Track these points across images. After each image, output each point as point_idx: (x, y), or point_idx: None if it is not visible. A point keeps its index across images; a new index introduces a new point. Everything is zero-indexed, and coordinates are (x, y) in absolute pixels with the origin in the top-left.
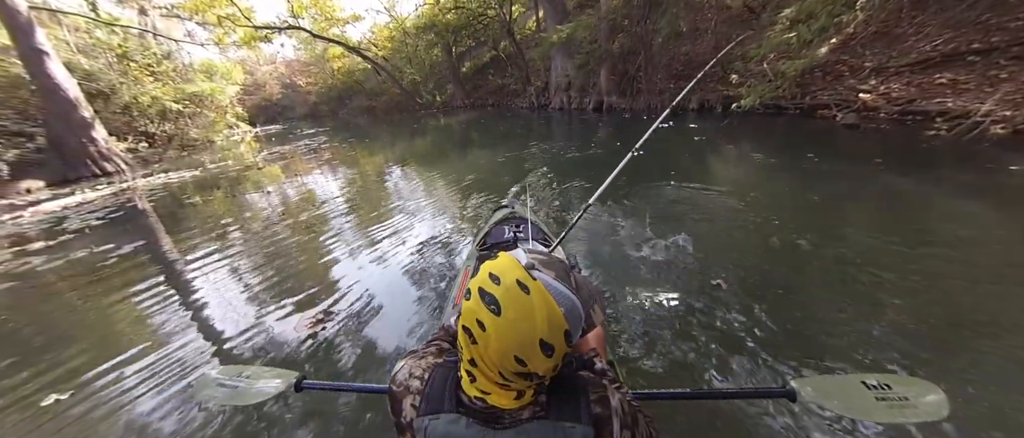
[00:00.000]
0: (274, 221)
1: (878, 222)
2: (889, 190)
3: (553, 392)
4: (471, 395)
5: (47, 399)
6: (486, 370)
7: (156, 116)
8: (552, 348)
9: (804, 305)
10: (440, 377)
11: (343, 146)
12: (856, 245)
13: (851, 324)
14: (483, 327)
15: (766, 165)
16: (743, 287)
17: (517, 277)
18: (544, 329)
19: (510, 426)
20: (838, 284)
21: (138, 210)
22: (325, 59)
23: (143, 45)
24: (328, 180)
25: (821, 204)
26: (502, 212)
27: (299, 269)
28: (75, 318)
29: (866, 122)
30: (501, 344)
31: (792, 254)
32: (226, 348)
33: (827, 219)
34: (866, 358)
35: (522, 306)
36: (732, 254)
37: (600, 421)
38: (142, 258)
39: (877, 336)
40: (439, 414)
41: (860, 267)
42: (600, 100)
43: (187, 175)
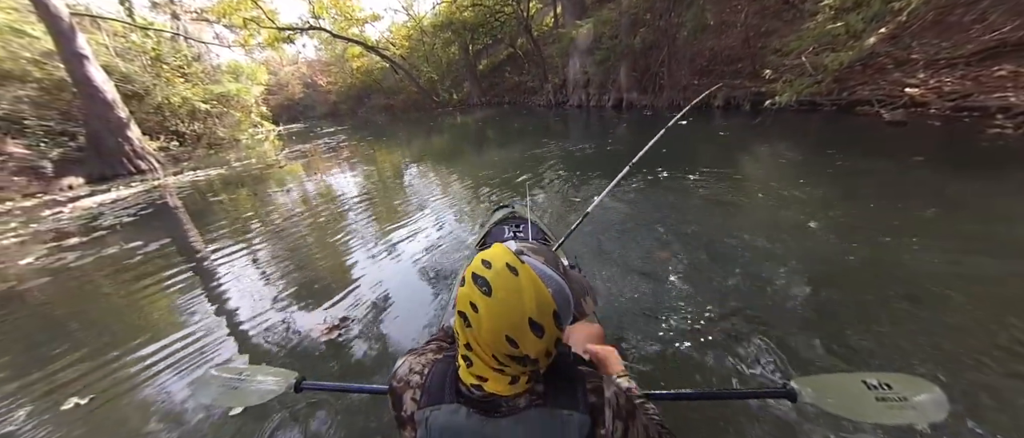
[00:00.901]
0: (294, 219)
1: (932, 226)
2: (946, 191)
3: (550, 382)
4: (468, 383)
5: (78, 383)
6: (481, 353)
7: (186, 116)
8: (542, 328)
9: (833, 311)
10: (439, 371)
11: (361, 145)
12: (908, 257)
13: (876, 330)
14: (476, 309)
15: (804, 164)
16: (766, 289)
17: (507, 261)
18: (533, 309)
19: (508, 414)
20: (872, 288)
21: (168, 207)
22: (345, 59)
23: (175, 48)
24: (346, 178)
25: (872, 206)
26: (502, 212)
27: (317, 267)
28: (102, 310)
29: (914, 118)
30: (493, 323)
31: (837, 262)
32: (243, 342)
33: (877, 222)
34: (888, 366)
35: (511, 287)
36: (751, 257)
37: (596, 410)
38: (167, 255)
39: (905, 346)
40: (440, 405)
41: (909, 277)
42: (620, 97)
43: (214, 173)
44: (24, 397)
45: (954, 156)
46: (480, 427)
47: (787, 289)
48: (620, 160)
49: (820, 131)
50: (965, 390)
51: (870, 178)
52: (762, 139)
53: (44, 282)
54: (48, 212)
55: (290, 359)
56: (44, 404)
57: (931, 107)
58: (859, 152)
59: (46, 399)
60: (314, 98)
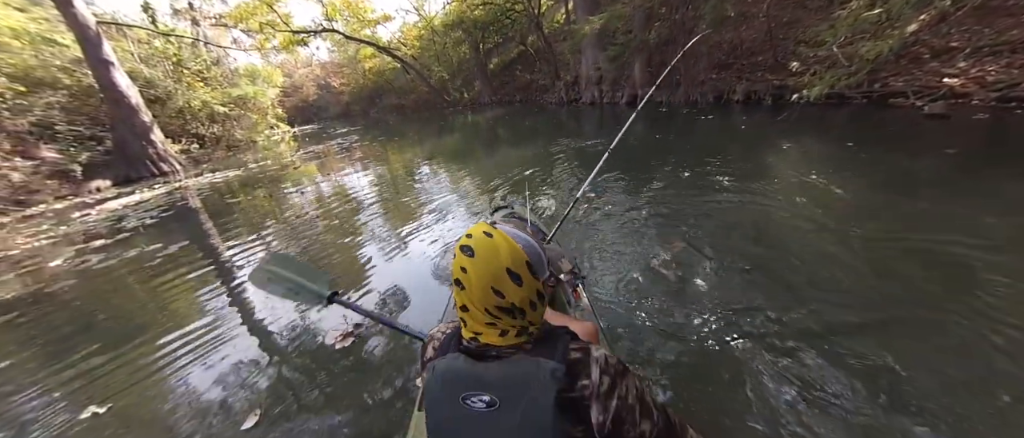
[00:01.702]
0: (308, 218)
1: (990, 230)
2: (1004, 192)
3: (540, 341)
4: (467, 337)
5: (101, 382)
6: (475, 310)
7: (206, 119)
8: (519, 277)
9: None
10: (451, 333)
11: (373, 145)
12: (962, 268)
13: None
14: (465, 271)
15: (838, 160)
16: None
17: (484, 230)
18: (507, 260)
19: (494, 360)
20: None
21: (189, 208)
22: (357, 60)
23: (195, 53)
24: (359, 178)
25: (915, 208)
26: (502, 211)
27: (331, 267)
28: (125, 309)
29: (956, 110)
30: (479, 279)
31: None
32: (262, 340)
33: (922, 224)
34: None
35: (489, 246)
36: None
37: (575, 364)
38: (187, 256)
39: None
40: (445, 355)
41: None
42: (634, 93)
43: (232, 174)
44: (53, 393)
45: (1011, 151)
46: (470, 368)
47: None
48: (633, 156)
49: (852, 126)
50: None
51: (915, 177)
52: (789, 135)
53: (73, 283)
54: (77, 214)
55: (305, 362)
56: (69, 401)
57: (973, 98)
58: (899, 147)
59: (73, 396)
60: (327, 99)
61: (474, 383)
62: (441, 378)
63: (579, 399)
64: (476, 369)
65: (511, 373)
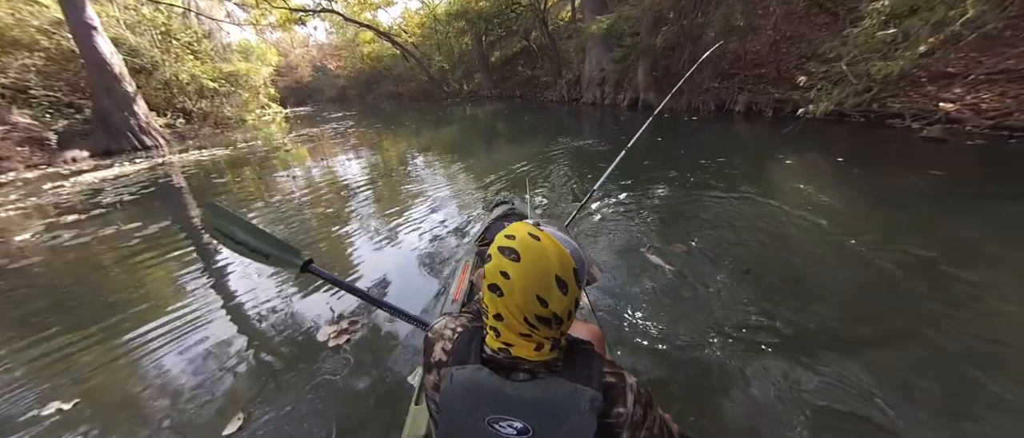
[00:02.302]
0: (299, 203)
1: (992, 260)
2: (1000, 217)
3: (570, 359)
4: (494, 348)
5: (69, 363)
6: (512, 320)
7: (194, 93)
8: (566, 285)
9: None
10: (468, 335)
11: (369, 131)
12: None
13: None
14: (507, 276)
15: (839, 176)
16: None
17: (528, 231)
18: (557, 266)
19: (525, 380)
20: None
21: (171, 186)
22: (356, 43)
23: (186, 24)
24: (353, 164)
25: (909, 224)
26: (501, 209)
27: (321, 254)
28: (97, 290)
29: (953, 136)
30: (524, 284)
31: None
32: (244, 326)
33: (919, 244)
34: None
35: (536, 250)
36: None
37: (611, 390)
38: (167, 236)
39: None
40: (464, 364)
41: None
42: (636, 96)
43: (219, 153)
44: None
45: (999, 178)
46: (499, 385)
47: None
48: (637, 160)
49: (851, 144)
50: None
51: (910, 195)
52: (790, 148)
53: (41, 259)
54: (49, 185)
55: (295, 359)
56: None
57: (967, 124)
58: (897, 167)
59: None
60: (323, 82)
61: (504, 406)
62: (462, 392)
63: (613, 425)
64: (504, 388)
65: (546, 399)
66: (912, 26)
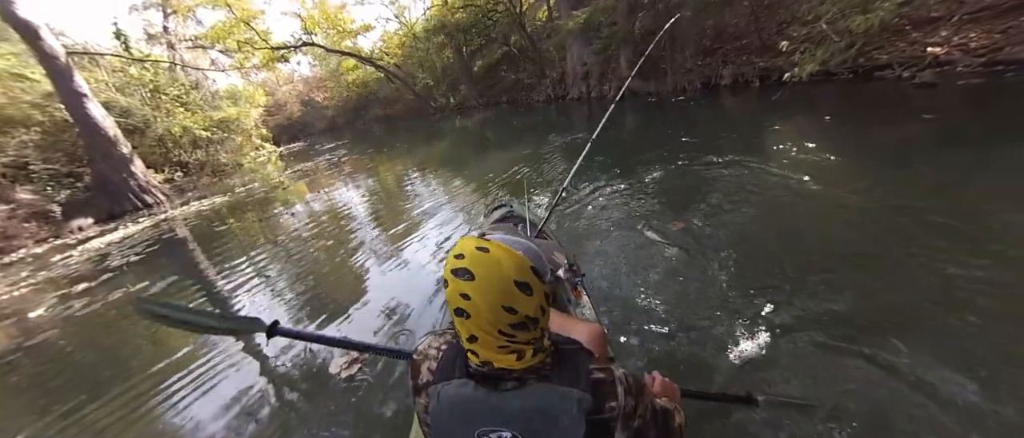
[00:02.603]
0: (301, 240)
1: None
2: (993, 154)
3: (556, 363)
4: (477, 364)
5: (102, 421)
6: (486, 336)
7: (188, 145)
8: (528, 286)
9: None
10: (452, 351)
11: (362, 158)
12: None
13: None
14: (468, 297)
15: (832, 136)
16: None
17: (476, 245)
18: (514, 271)
19: (512, 390)
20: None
21: (176, 240)
22: (340, 72)
23: (173, 77)
24: (350, 193)
25: (910, 176)
26: (500, 211)
27: (328, 288)
28: (113, 355)
29: (945, 77)
30: (487, 300)
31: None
32: (262, 368)
33: (919, 196)
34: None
35: (489, 263)
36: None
37: (601, 387)
38: (176, 290)
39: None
40: (450, 380)
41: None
42: (621, 85)
43: (219, 200)
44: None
45: (996, 114)
46: (486, 398)
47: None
48: (627, 151)
49: (840, 101)
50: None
51: (906, 146)
52: (780, 114)
53: (57, 332)
54: (59, 257)
55: (309, 394)
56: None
57: (958, 65)
58: (886, 118)
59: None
60: (312, 115)
61: (491, 417)
62: (450, 408)
63: (607, 420)
64: (491, 400)
65: (534, 406)
66: None
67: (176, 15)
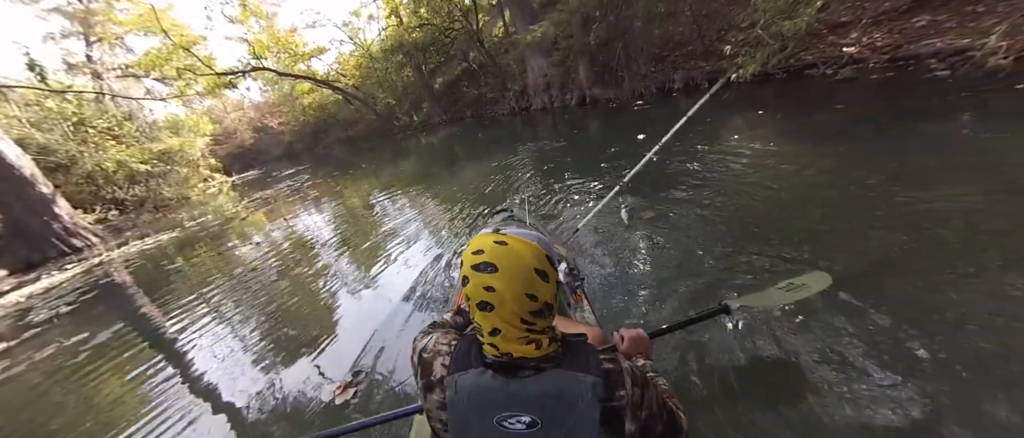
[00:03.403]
0: (262, 271)
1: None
2: (889, 133)
3: (567, 352)
4: (494, 355)
5: None
6: (508, 327)
7: (124, 180)
8: (545, 273)
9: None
10: (466, 344)
11: (327, 181)
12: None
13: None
14: (492, 289)
15: (776, 125)
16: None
17: (493, 240)
18: (533, 260)
19: (528, 377)
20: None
21: (115, 285)
22: (294, 96)
23: (101, 109)
24: (318, 220)
25: (831, 151)
26: (501, 215)
27: (295, 320)
28: (45, 421)
29: (861, 74)
30: (512, 289)
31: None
32: (235, 424)
33: (843, 164)
34: None
35: (509, 254)
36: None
37: (610, 375)
38: (122, 342)
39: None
40: (467, 370)
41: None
42: (582, 94)
43: (165, 237)
44: None
45: (900, 101)
46: (504, 386)
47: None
48: (595, 151)
49: (778, 97)
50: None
51: (825, 128)
52: (729, 111)
53: None
54: None
55: (309, 426)
56: None
57: (870, 62)
58: (813, 109)
59: None
60: (267, 141)
61: (510, 403)
62: (468, 397)
63: (617, 408)
64: (511, 387)
65: (551, 390)
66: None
67: (101, 43)
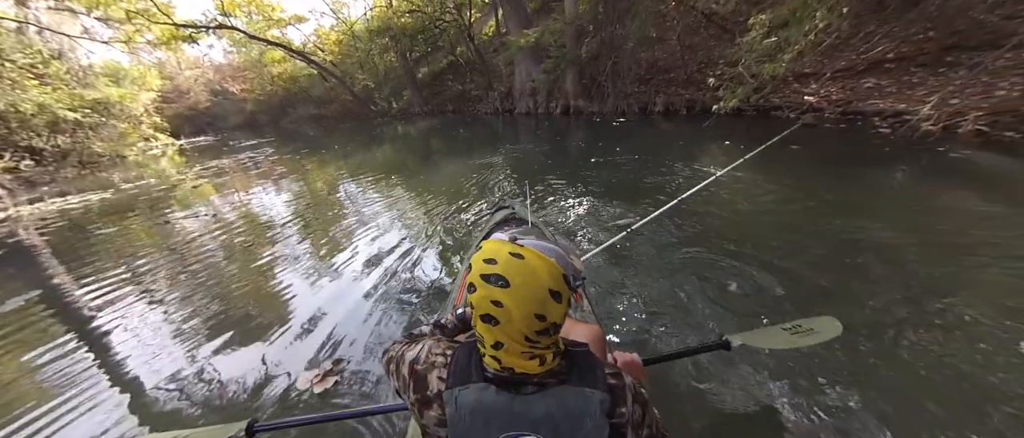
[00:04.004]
0: (215, 249)
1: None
2: (848, 177)
3: (572, 365)
4: (496, 369)
5: None
6: (512, 343)
7: (44, 128)
8: (559, 294)
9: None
10: (464, 354)
11: (293, 159)
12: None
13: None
14: (500, 304)
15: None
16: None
17: (508, 250)
18: (549, 280)
19: (534, 393)
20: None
21: (22, 247)
22: (263, 63)
23: (23, 41)
24: (278, 199)
25: (790, 183)
26: (503, 213)
27: (244, 304)
28: None
29: (820, 121)
30: (521, 309)
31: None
32: (171, 413)
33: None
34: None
35: (525, 271)
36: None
37: (615, 391)
38: (24, 313)
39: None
40: (467, 384)
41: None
42: (567, 104)
43: (94, 198)
44: None
45: (850, 151)
46: (508, 403)
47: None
48: (584, 161)
49: (750, 131)
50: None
51: (794, 165)
52: (706, 139)
53: None
54: None
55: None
56: None
57: (825, 112)
58: (781, 146)
59: None
60: (226, 107)
61: (516, 422)
62: (470, 414)
63: (619, 425)
64: (515, 405)
65: (558, 408)
66: (791, 35)
67: None
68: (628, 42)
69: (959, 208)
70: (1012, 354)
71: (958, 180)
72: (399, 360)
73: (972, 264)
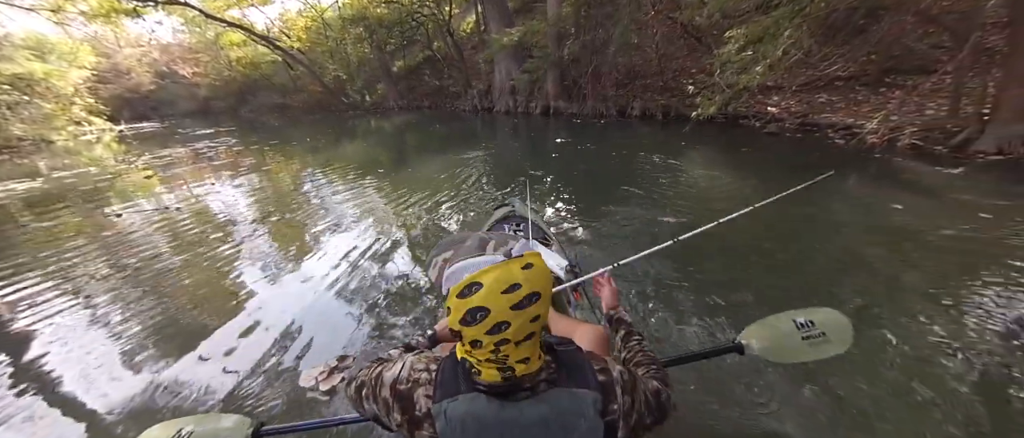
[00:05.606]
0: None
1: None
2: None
3: (562, 366)
4: (492, 381)
5: None
6: (517, 349)
7: None
8: (540, 295)
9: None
10: (449, 366)
11: (257, 149)
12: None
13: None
14: (507, 326)
15: (716, 157)
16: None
17: (519, 265)
18: (544, 287)
19: (525, 399)
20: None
21: None
22: (219, 46)
23: None
24: (237, 193)
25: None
26: (503, 210)
27: (195, 306)
28: None
29: (782, 130)
30: (520, 320)
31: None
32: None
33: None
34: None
35: (532, 278)
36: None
37: (606, 388)
38: None
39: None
40: (456, 396)
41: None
42: (547, 104)
43: (18, 187)
44: None
45: (817, 158)
46: (499, 411)
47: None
48: (570, 159)
49: (722, 138)
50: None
51: (751, 166)
52: (687, 143)
53: None
54: None
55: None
56: None
57: (786, 122)
58: (746, 151)
59: None
60: (174, 92)
61: (510, 429)
62: (461, 427)
63: (612, 422)
64: (508, 413)
65: (552, 412)
66: (766, 50)
67: None
68: (609, 47)
69: (907, 210)
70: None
71: (898, 185)
72: (375, 383)
73: (914, 253)
